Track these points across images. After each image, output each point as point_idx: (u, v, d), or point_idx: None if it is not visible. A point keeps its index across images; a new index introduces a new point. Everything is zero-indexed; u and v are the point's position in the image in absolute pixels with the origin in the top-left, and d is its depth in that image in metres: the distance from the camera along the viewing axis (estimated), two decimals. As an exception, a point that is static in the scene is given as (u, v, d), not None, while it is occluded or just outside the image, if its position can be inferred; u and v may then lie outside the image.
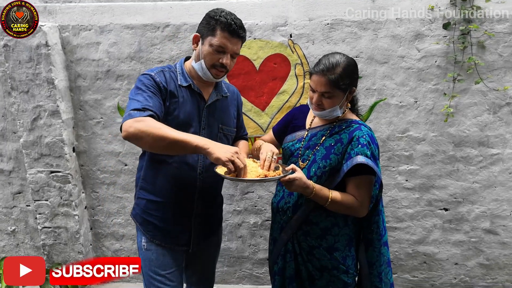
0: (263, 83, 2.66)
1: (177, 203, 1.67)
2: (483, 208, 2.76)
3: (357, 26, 2.55)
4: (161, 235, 1.69)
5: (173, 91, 1.58)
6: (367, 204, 1.58)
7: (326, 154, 1.59)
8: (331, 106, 1.57)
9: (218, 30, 1.53)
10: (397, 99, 2.64)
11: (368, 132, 1.57)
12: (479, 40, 2.50)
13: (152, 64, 2.66)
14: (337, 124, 1.65)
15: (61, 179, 2.73)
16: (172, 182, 1.64)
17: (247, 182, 1.52)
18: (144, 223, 1.71)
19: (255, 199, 2.87)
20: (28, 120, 2.64)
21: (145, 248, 1.71)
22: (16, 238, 3.04)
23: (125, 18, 2.61)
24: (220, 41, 1.54)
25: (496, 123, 2.62)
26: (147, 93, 1.50)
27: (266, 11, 2.57)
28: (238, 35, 1.56)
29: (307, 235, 1.64)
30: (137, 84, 1.56)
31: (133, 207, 1.79)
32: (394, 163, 2.74)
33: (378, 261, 1.67)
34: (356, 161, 1.49)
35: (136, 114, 1.40)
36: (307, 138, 1.70)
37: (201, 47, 1.58)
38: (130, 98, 1.51)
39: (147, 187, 1.70)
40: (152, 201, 1.68)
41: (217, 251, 2.01)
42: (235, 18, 1.56)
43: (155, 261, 1.69)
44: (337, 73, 1.51)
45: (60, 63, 2.63)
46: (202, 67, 1.59)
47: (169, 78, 1.60)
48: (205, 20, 1.58)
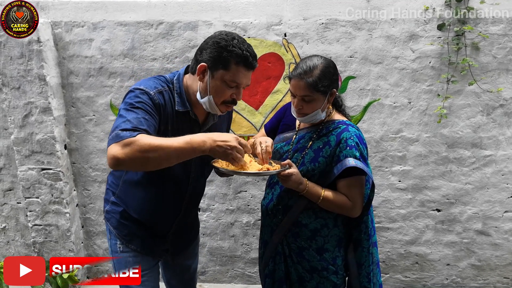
0: (257, 82, 2.64)
1: (157, 221, 1.60)
2: (475, 209, 2.77)
3: (352, 26, 2.54)
4: (138, 242, 1.60)
5: (169, 116, 1.42)
6: (360, 204, 1.57)
7: (314, 157, 1.58)
8: (312, 110, 1.54)
9: (233, 64, 1.34)
10: (391, 99, 2.64)
11: (355, 133, 1.56)
12: (473, 41, 2.50)
13: (146, 62, 2.64)
14: (324, 126, 1.63)
15: (52, 177, 2.71)
16: (157, 205, 1.56)
17: (246, 175, 1.49)
18: (119, 227, 1.61)
19: (248, 198, 2.86)
20: (19, 117, 2.61)
21: (121, 250, 1.62)
22: (7, 236, 3.02)
23: (118, 15, 2.59)
24: (235, 77, 1.36)
25: (489, 125, 2.63)
26: (142, 112, 1.29)
27: (260, 10, 2.56)
28: (253, 67, 1.39)
29: (296, 236, 1.64)
30: (131, 100, 1.32)
31: (106, 210, 1.65)
32: (387, 164, 2.74)
33: (367, 261, 1.66)
34: (346, 165, 1.48)
35: (126, 135, 1.19)
36: (295, 140, 1.69)
37: (210, 80, 1.37)
38: (120, 114, 1.29)
39: (125, 200, 1.58)
40: (129, 214, 1.58)
41: (196, 251, 1.95)
42: (248, 46, 1.37)
43: (132, 263, 1.60)
44: (315, 75, 1.48)
45: (52, 60, 2.60)
46: (211, 103, 1.40)
47: (167, 100, 1.41)
48: (215, 50, 1.35)
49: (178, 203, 1.61)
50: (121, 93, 2.70)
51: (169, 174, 1.48)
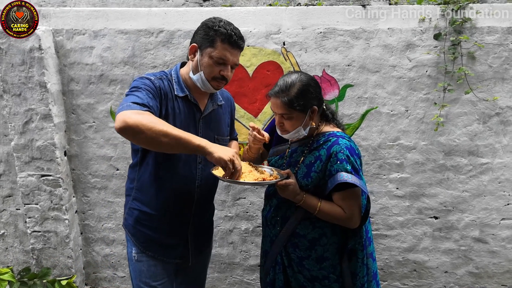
0: (256, 90, 2.67)
1: (173, 216, 1.64)
2: (472, 217, 2.79)
3: (350, 35, 2.58)
4: (155, 247, 1.65)
5: (170, 101, 1.53)
6: (358, 215, 1.56)
7: (307, 173, 1.59)
8: (293, 127, 1.57)
9: (218, 41, 1.48)
10: (388, 107, 2.66)
11: (346, 145, 1.54)
12: (469, 51, 2.54)
13: (146, 69, 2.66)
14: (315, 139, 1.63)
15: (52, 183, 2.72)
16: (170, 196, 1.60)
17: (245, 184, 1.52)
18: (136, 233, 1.65)
19: (246, 205, 2.87)
20: (20, 123, 2.63)
21: (136, 259, 1.66)
22: (5, 242, 3.01)
23: (119, 23, 2.62)
24: (221, 53, 1.49)
25: (485, 133, 2.66)
26: (146, 93, 1.42)
27: (259, 19, 2.59)
28: (238, 46, 1.52)
29: (295, 247, 1.64)
30: (135, 84, 1.46)
31: (124, 218, 1.73)
32: (385, 171, 2.76)
33: (361, 272, 1.65)
34: (337, 180, 1.48)
35: (136, 107, 1.31)
36: (289, 154, 1.70)
37: (199, 58, 1.52)
38: (128, 94, 1.42)
39: (141, 198, 1.63)
40: (146, 212, 1.63)
41: (208, 259, 2.00)
42: (234, 28, 1.51)
43: (146, 272, 1.64)
44: (291, 94, 1.51)
45: (53, 67, 2.62)
46: (202, 79, 1.54)
47: (167, 86, 1.55)
48: (203, 31, 1.51)
49: (191, 193, 1.64)
50: (121, 101, 2.71)
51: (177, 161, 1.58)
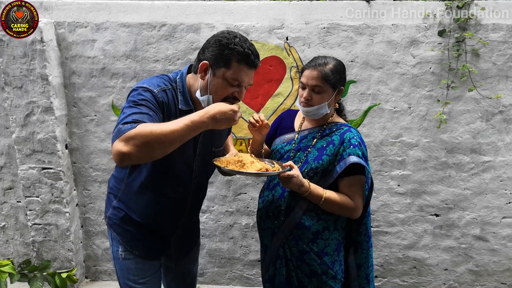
0: (258, 85, 2.66)
1: (161, 225, 1.60)
2: (473, 215, 2.78)
3: (353, 31, 2.56)
4: (141, 247, 1.60)
5: (173, 114, 1.39)
6: (361, 204, 1.61)
7: (318, 156, 1.62)
8: (320, 102, 1.61)
9: (234, 61, 1.33)
10: (391, 104, 2.65)
11: (357, 134, 1.64)
12: (473, 48, 2.52)
13: (148, 63, 2.65)
14: (327, 127, 1.69)
15: (53, 176, 2.72)
16: (159, 211, 1.56)
17: (247, 175, 1.50)
18: (122, 233, 1.59)
19: (247, 200, 2.87)
20: (21, 116, 2.62)
21: (123, 257, 1.60)
22: (6, 234, 3.02)
23: (121, 16, 2.60)
24: (236, 75, 1.35)
25: (488, 131, 2.64)
26: (144, 108, 1.28)
27: (263, 14, 2.58)
28: (255, 66, 1.38)
29: (298, 239, 1.64)
30: (133, 98, 1.31)
31: (107, 216, 1.62)
32: (387, 168, 2.75)
33: (366, 263, 1.70)
34: (349, 161, 1.53)
35: (127, 128, 1.17)
36: (298, 140, 1.72)
37: (211, 78, 1.36)
38: (123, 112, 1.28)
39: (128, 203, 1.56)
40: (132, 218, 1.56)
41: (197, 253, 1.95)
42: (250, 45, 1.36)
43: (135, 269, 1.60)
44: (328, 68, 1.58)
45: (55, 60, 2.61)
46: (209, 103, 1.37)
47: (171, 99, 1.40)
48: (217, 48, 1.35)
49: (182, 206, 1.61)
50: (123, 94, 2.71)
51: (172, 175, 1.49)
